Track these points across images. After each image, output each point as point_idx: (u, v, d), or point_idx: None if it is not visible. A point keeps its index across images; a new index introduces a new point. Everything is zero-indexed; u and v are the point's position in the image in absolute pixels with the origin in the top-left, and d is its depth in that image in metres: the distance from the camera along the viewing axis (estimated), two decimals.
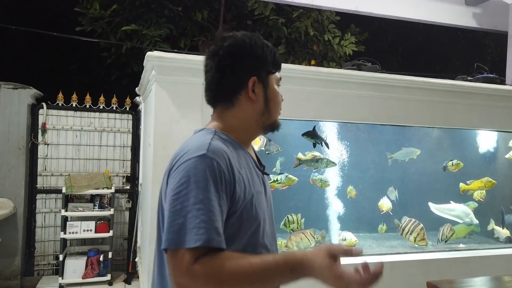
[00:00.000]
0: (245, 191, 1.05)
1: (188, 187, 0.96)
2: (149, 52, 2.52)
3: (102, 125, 4.47)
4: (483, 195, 3.63)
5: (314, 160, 3.20)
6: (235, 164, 1.05)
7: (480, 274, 3.12)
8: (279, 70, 1.21)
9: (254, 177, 1.13)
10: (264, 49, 1.16)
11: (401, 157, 3.62)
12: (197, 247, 0.90)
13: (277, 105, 1.20)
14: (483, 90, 3.27)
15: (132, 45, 5.44)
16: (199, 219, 0.92)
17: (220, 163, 1.00)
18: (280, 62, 1.21)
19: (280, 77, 1.22)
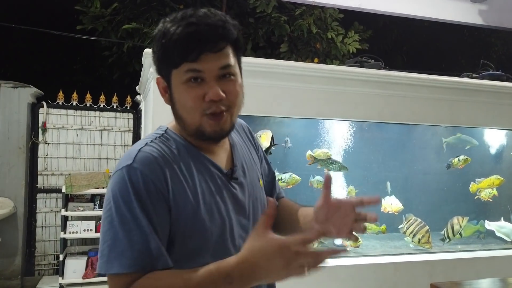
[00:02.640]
0: (186, 202, 0.90)
1: (115, 204, 0.84)
2: (146, 49, 2.48)
3: (103, 124, 4.44)
4: (492, 195, 3.55)
5: (329, 162, 3.16)
6: (175, 172, 0.90)
7: (485, 275, 3.06)
8: (182, 63, 0.88)
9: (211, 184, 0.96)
10: (162, 44, 0.90)
11: (456, 142, 3.56)
12: (126, 273, 0.81)
13: (186, 109, 0.91)
14: (489, 88, 3.20)
15: (133, 44, 5.40)
16: (126, 240, 0.82)
17: (146, 174, 0.86)
18: (178, 52, 0.87)
19: (187, 69, 0.88)
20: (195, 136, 0.95)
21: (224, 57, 0.90)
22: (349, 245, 3.21)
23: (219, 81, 0.90)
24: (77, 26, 5.41)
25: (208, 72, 0.89)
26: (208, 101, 0.89)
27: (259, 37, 5.89)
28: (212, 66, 0.88)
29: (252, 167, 1.09)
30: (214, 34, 0.87)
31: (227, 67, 0.90)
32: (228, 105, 0.92)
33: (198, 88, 0.89)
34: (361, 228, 0.97)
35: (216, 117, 0.91)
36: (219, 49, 0.88)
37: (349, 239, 1.10)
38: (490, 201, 3.53)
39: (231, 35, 0.90)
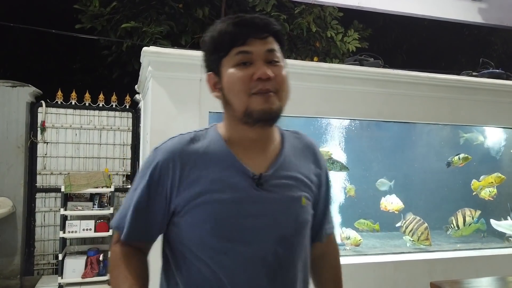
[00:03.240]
0: (189, 193, 0.97)
1: (136, 176, 1.04)
2: (145, 48, 2.47)
3: (102, 123, 4.43)
4: (493, 193, 3.54)
5: (330, 162, 3.17)
6: (193, 165, 0.98)
7: (485, 274, 3.05)
8: (232, 49, 0.96)
9: (229, 183, 0.98)
10: (211, 36, 1.00)
11: (473, 138, 3.61)
12: (114, 230, 1.02)
13: (234, 91, 0.96)
14: (489, 86, 3.19)
15: (133, 43, 5.39)
16: (124, 205, 1.03)
17: (161, 163, 0.98)
18: (227, 38, 0.96)
19: (237, 52, 0.95)
20: (243, 121, 0.97)
21: (269, 43, 0.97)
22: (350, 244, 3.21)
23: (267, 66, 0.96)
24: (76, 25, 5.39)
25: (256, 54, 0.95)
26: (256, 80, 0.94)
27: None
28: (259, 48, 0.95)
29: (298, 182, 1.05)
30: (258, 23, 0.96)
31: (273, 50, 0.97)
32: (275, 88, 0.95)
33: (246, 69, 0.95)
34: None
35: (263, 95, 0.94)
36: (264, 37, 0.96)
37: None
38: (491, 199, 3.52)
39: (273, 26, 0.98)
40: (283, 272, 0.99)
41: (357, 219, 3.37)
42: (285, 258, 0.99)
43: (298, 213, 1.03)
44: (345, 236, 3.22)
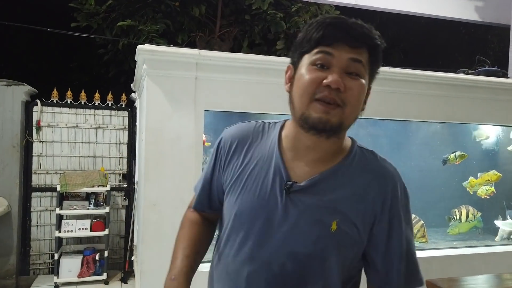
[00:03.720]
0: (231, 176, 1.05)
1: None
2: (139, 46, 2.45)
3: (98, 122, 4.41)
4: (489, 192, 3.54)
5: None
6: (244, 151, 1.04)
7: (481, 271, 3.05)
8: (317, 46, 0.89)
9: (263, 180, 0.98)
10: (305, 29, 0.94)
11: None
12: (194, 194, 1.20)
13: (300, 90, 0.90)
14: (485, 84, 3.19)
15: (129, 41, 5.37)
16: (201, 174, 1.18)
17: (223, 141, 1.09)
18: (315, 35, 0.89)
19: (318, 51, 0.89)
20: (299, 124, 0.93)
21: (357, 53, 0.88)
22: None
23: (344, 75, 0.88)
24: (72, 24, 5.36)
25: (337, 59, 0.88)
26: (325, 86, 0.87)
27: (255, 34, 5.86)
28: (343, 54, 0.87)
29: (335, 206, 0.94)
30: (355, 29, 0.88)
31: (357, 61, 0.88)
32: (342, 101, 0.88)
33: (320, 72, 0.88)
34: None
35: (325, 104, 0.88)
36: (355, 46, 0.88)
37: None
38: (487, 198, 3.52)
39: (371, 40, 0.90)
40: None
41: None
42: (294, 276, 0.93)
43: (319, 236, 0.93)
44: None
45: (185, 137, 2.53)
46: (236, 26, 5.93)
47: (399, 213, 0.95)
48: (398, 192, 0.96)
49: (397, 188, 0.96)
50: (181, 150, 2.53)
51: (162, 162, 2.51)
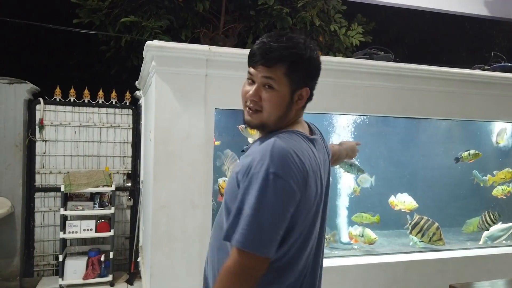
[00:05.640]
0: None
1: None
2: (148, 42, 2.37)
3: (102, 120, 4.32)
4: (506, 191, 3.46)
5: (348, 163, 3.10)
6: None
7: (497, 273, 2.98)
8: (249, 66, 1.20)
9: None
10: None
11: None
12: None
13: (241, 99, 1.23)
14: (501, 80, 3.11)
15: (132, 38, 5.26)
16: None
17: None
18: (249, 55, 1.19)
19: (248, 71, 1.20)
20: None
21: (271, 72, 1.14)
22: (363, 242, 3.12)
23: (262, 88, 1.16)
24: (74, 20, 5.26)
25: (255, 77, 1.17)
26: (247, 96, 1.19)
27: (260, 30, 5.75)
28: (259, 74, 1.16)
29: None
30: (269, 54, 1.13)
31: (268, 78, 1.15)
32: (255, 108, 1.18)
33: (249, 86, 1.20)
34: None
35: (247, 110, 1.21)
36: (269, 65, 1.14)
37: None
38: (503, 198, 3.45)
39: (286, 58, 1.13)
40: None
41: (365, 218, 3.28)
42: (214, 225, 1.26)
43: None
44: (359, 234, 3.13)
45: (195, 136, 2.45)
46: (241, 22, 5.83)
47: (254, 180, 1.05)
48: (257, 164, 1.07)
49: (263, 161, 1.06)
50: (190, 150, 2.45)
51: (171, 162, 2.43)
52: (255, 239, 1.01)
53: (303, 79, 1.17)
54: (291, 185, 1.04)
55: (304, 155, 1.10)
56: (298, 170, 1.06)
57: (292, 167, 1.05)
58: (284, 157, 1.05)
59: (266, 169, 1.03)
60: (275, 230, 1.03)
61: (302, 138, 1.16)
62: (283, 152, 1.06)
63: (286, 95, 1.16)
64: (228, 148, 2.98)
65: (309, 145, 1.17)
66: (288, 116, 1.19)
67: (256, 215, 1.01)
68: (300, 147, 1.11)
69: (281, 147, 1.07)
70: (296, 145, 1.11)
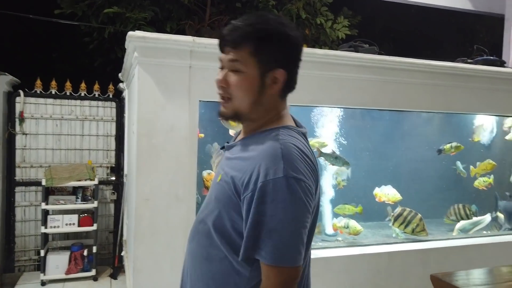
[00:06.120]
0: None
1: None
2: (130, 32, 2.31)
3: (84, 113, 4.24)
4: (487, 183, 3.54)
5: (333, 156, 3.11)
6: None
7: (477, 262, 3.04)
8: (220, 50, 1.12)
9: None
10: None
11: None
12: None
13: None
14: (484, 73, 3.14)
15: (115, 29, 5.16)
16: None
17: None
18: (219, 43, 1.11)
19: (218, 57, 1.11)
20: None
21: (237, 53, 1.04)
22: (348, 233, 3.15)
23: (230, 73, 1.06)
24: (55, 11, 5.13)
25: (223, 61, 1.08)
26: (216, 84, 1.09)
27: None
28: (225, 57, 1.07)
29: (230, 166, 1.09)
30: (231, 35, 1.05)
31: (235, 61, 1.04)
32: (226, 95, 1.08)
33: (219, 72, 1.10)
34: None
35: (220, 100, 1.11)
36: (235, 46, 1.04)
37: None
38: (485, 189, 3.52)
39: (250, 38, 1.03)
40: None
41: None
42: (195, 232, 1.14)
43: (214, 190, 1.11)
44: (344, 225, 3.16)
45: (179, 128, 2.42)
46: (227, 14, 5.76)
47: (272, 188, 0.94)
48: (270, 169, 0.95)
49: (276, 166, 0.95)
50: (174, 143, 2.41)
51: (154, 155, 2.39)
52: (289, 252, 0.94)
53: (275, 59, 1.04)
54: (311, 185, 0.98)
55: (309, 151, 1.04)
56: (311, 168, 1.00)
57: (306, 166, 0.98)
58: (298, 157, 0.97)
59: (285, 174, 0.93)
60: (303, 235, 0.97)
61: (296, 132, 1.07)
62: (294, 151, 0.97)
63: (256, 78, 1.04)
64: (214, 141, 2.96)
65: (303, 138, 1.10)
66: (263, 103, 1.06)
67: (287, 227, 0.93)
68: (302, 143, 1.04)
69: (290, 147, 0.98)
70: (299, 142, 1.03)
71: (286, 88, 1.09)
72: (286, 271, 0.95)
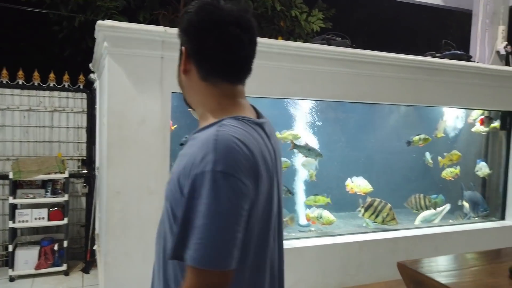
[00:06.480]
0: None
1: None
2: (99, 21, 2.26)
3: (53, 104, 4.11)
4: (454, 173, 3.67)
5: (306, 148, 3.15)
6: None
7: (444, 250, 3.17)
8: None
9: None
10: None
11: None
12: None
13: None
14: (451, 67, 3.24)
15: (85, 18, 5.02)
16: None
17: None
18: None
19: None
20: None
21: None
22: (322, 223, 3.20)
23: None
24: None
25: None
26: None
27: None
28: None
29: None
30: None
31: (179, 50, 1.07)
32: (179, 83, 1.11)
33: None
34: None
35: None
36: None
37: None
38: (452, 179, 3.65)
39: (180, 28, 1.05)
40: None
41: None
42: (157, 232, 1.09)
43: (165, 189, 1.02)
44: (317, 216, 3.21)
45: (150, 120, 2.39)
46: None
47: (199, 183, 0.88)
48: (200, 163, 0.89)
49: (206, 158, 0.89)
50: (146, 135, 2.39)
51: (126, 147, 2.36)
52: (212, 253, 0.85)
53: (185, 41, 1.04)
54: (244, 181, 0.88)
55: (252, 143, 0.94)
56: (248, 161, 0.90)
57: (241, 160, 0.89)
58: (231, 150, 0.88)
59: (212, 168, 0.86)
60: (234, 236, 0.87)
61: (247, 123, 0.99)
62: (228, 144, 0.89)
63: (179, 61, 1.06)
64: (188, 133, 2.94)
65: (256, 129, 1.00)
66: (182, 83, 1.08)
67: (210, 225, 0.85)
68: (246, 134, 0.95)
69: (225, 139, 0.90)
70: (241, 132, 0.94)
71: (201, 67, 1.02)
72: (207, 275, 0.85)
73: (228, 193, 0.86)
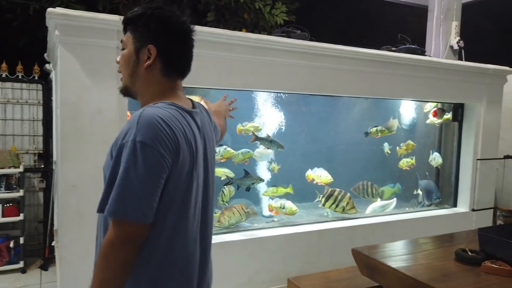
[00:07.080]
0: None
1: None
2: (50, 9, 2.18)
3: (6, 96, 3.94)
4: (410, 163, 3.83)
5: (268, 140, 3.19)
6: None
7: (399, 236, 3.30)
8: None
9: None
10: None
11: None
12: None
13: None
14: (406, 61, 3.36)
15: (41, 6, 4.80)
16: None
17: None
18: None
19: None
20: None
21: (124, 36, 1.25)
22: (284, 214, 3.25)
23: (121, 51, 1.26)
24: None
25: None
26: None
27: (184, 5, 5.57)
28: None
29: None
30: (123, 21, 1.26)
31: (121, 42, 1.26)
32: (120, 71, 1.26)
33: None
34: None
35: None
36: (124, 30, 1.26)
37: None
38: (408, 169, 3.80)
39: (126, 24, 1.24)
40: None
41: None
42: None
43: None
44: (280, 206, 3.26)
45: (106, 111, 2.34)
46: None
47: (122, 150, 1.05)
48: (126, 134, 1.06)
49: (130, 131, 1.06)
50: (102, 126, 2.33)
51: (81, 140, 2.30)
52: (128, 207, 1.01)
53: (146, 37, 1.19)
54: (161, 151, 1.04)
55: (175, 123, 1.10)
56: (167, 136, 1.06)
57: (160, 134, 1.04)
58: (151, 125, 1.04)
59: (133, 138, 1.02)
60: (149, 196, 1.03)
61: (176, 109, 1.15)
62: (149, 120, 1.05)
63: (132, 53, 1.21)
64: None
65: (184, 115, 1.16)
66: (140, 76, 1.20)
67: (126, 183, 1.01)
68: (170, 115, 1.10)
69: (148, 116, 1.06)
70: (165, 113, 1.09)
71: (167, 65, 1.21)
72: (123, 225, 1.02)
73: (144, 159, 1.02)
